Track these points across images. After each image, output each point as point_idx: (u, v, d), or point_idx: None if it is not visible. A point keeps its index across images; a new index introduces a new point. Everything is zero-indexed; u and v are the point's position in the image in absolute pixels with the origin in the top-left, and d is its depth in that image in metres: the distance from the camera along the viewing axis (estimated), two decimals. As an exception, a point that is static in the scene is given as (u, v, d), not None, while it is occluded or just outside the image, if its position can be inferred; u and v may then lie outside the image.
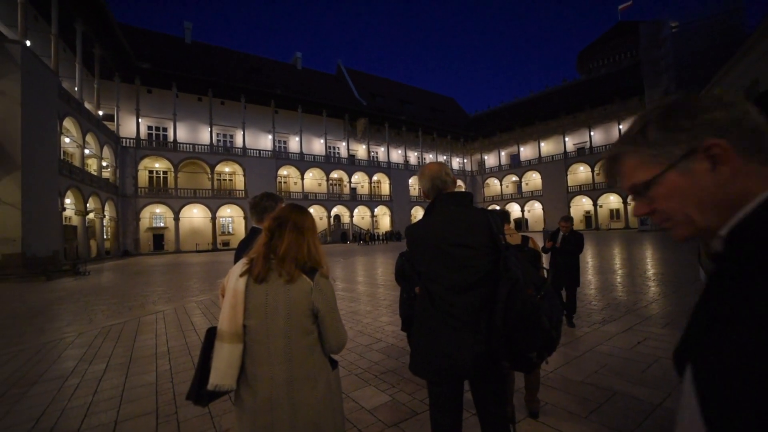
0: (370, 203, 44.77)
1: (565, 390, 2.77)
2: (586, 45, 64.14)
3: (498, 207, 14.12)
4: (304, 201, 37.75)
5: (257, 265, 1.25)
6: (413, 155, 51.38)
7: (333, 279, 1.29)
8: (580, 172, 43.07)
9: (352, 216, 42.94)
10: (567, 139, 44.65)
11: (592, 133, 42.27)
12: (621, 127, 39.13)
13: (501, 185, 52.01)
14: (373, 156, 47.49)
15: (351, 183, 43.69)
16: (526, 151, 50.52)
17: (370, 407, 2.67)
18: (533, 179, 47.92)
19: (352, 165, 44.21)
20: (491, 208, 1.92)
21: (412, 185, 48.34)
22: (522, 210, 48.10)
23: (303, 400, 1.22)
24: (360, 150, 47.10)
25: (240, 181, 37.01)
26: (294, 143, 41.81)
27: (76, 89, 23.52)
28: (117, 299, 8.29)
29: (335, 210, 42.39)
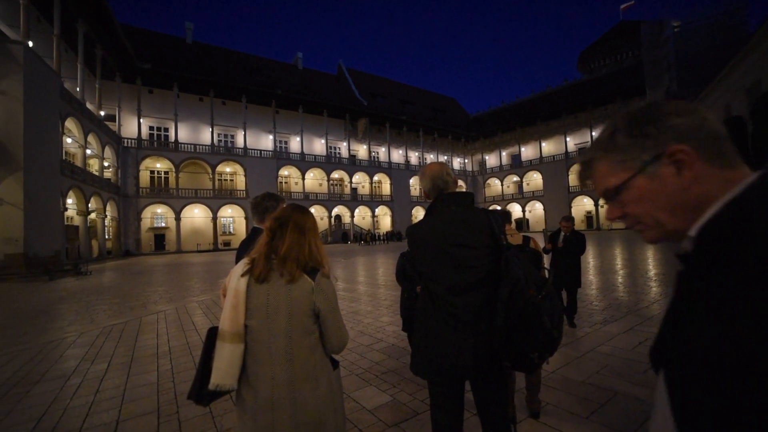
0: (371, 203, 44.78)
1: (567, 390, 2.77)
2: (587, 45, 64.15)
3: (499, 207, 14.09)
4: (305, 201, 37.80)
5: (258, 265, 1.25)
6: (414, 155, 51.40)
7: (335, 278, 1.29)
8: (581, 172, 43.03)
9: (352, 216, 42.96)
10: (568, 139, 44.59)
11: (593, 133, 42.17)
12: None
13: (502, 185, 51.97)
14: (374, 156, 47.51)
15: (352, 183, 43.71)
16: (527, 151, 50.46)
17: (371, 407, 2.67)
18: (534, 179, 47.88)
19: (353, 165, 44.24)
20: (492, 208, 1.92)
21: (413, 185, 48.36)
22: (523, 210, 48.08)
23: (304, 399, 1.22)
24: (361, 150, 47.13)
25: (241, 182, 37.07)
26: (295, 143, 41.87)
27: (77, 89, 23.60)
28: (118, 299, 8.31)
29: (336, 210, 42.42)
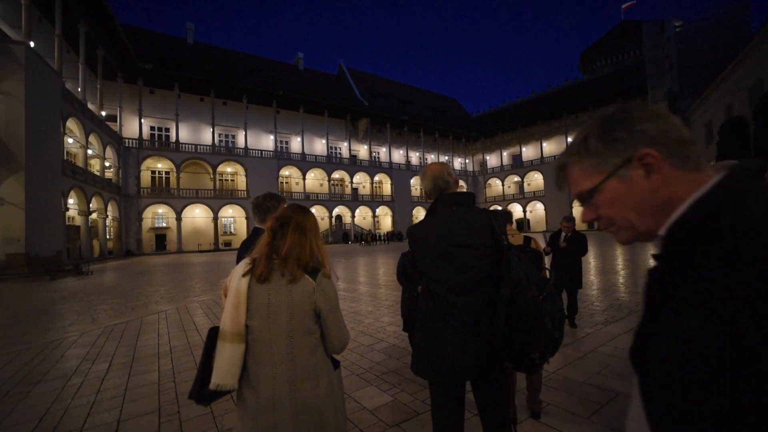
0: (371, 203, 44.77)
1: (567, 391, 2.77)
2: (588, 45, 63.89)
3: (500, 207, 14.09)
4: (305, 201, 37.83)
5: (260, 265, 1.25)
6: (415, 155, 51.39)
7: (336, 277, 1.29)
8: (582, 172, 42.99)
9: (353, 216, 42.97)
10: (569, 140, 44.09)
11: (594, 134, 42.10)
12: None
13: (503, 185, 51.92)
14: (375, 156, 47.51)
15: (353, 183, 43.72)
16: (528, 152, 50.39)
17: (371, 407, 2.67)
18: (535, 179, 47.81)
19: (353, 165, 44.25)
20: (493, 208, 1.91)
21: (413, 185, 48.34)
22: (524, 210, 48.02)
23: (305, 399, 1.22)
24: (362, 150, 47.13)
25: (242, 182, 37.10)
26: (296, 143, 41.90)
27: (79, 90, 23.64)
28: (120, 299, 8.32)
29: (337, 210, 42.43)
